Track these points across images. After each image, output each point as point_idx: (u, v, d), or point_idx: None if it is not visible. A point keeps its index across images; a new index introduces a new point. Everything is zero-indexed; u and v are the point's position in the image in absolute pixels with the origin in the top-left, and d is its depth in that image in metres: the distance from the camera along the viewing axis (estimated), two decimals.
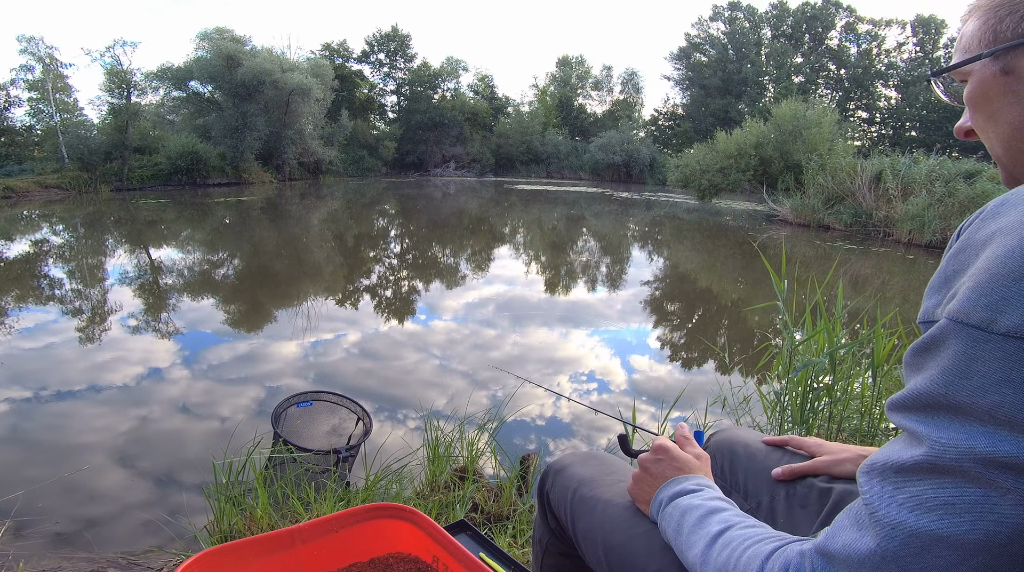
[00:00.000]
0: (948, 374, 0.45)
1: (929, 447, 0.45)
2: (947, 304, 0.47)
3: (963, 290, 0.46)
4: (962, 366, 0.44)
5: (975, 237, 0.48)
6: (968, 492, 0.43)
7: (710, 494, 0.80)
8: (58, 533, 2.47)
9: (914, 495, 0.46)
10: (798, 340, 2.65)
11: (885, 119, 46.75)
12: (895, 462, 0.48)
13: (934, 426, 0.45)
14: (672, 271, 11.07)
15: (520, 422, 3.75)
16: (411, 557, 1.01)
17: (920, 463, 0.46)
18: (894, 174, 14.80)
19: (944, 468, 0.44)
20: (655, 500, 0.85)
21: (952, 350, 0.45)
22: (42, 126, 25.38)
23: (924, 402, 0.47)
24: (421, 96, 44.35)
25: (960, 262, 0.49)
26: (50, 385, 4.19)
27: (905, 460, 0.47)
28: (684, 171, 23.18)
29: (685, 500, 0.79)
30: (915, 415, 0.48)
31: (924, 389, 0.47)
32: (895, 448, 0.50)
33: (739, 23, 48.19)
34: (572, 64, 51.09)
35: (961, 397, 0.44)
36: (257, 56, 28.68)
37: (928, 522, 0.44)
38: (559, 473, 1.01)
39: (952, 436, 0.44)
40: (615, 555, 0.86)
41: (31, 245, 11.60)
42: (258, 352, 5.14)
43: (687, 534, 0.74)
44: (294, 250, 11.42)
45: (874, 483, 0.50)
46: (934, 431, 0.45)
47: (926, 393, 0.47)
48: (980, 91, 0.59)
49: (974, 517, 0.42)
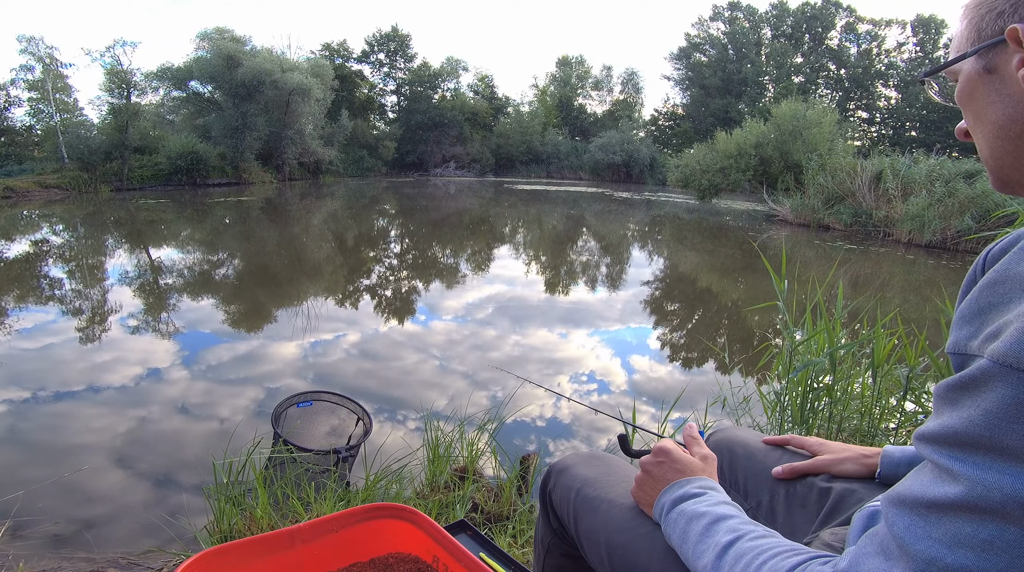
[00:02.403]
0: (992, 417, 0.45)
1: (968, 487, 0.45)
2: (989, 343, 0.46)
3: (1011, 331, 0.44)
4: (1010, 410, 0.44)
5: (1017, 270, 0.47)
6: (1009, 532, 0.43)
7: (715, 499, 0.79)
8: (58, 533, 2.47)
9: (950, 532, 0.46)
10: (798, 340, 2.65)
11: (885, 119, 46.75)
12: (928, 498, 0.48)
13: (973, 466, 0.45)
14: (672, 271, 11.07)
15: (520, 422, 3.75)
16: (411, 557, 1.01)
17: (957, 502, 0.46)
18: (894, 174, 14.80)
19: (985, 508, 0.44)
20: (657, 504, 0.84)
21: (998, 393, 0.44)
22: (42, 126, 25.39)
23: (962, 441, 0.47)
24: (421, 96, 44.35)
25: (998, 295, 0.48)
26: (49, 385, 4.19)
27: (940, 497, 0.47)
28: (684, 171, 23.18)
29: (689, 505, 0.78)
30: (951, 452, 0.47)
31: (963, 429, 0.46)
32: (924, 482, 0.50)
33: (739, 23, 48.19)
34: (572, 64, 51.08)
35: (1009, 440, 0.43)
36: (257, 56, 28.68)
37: (965, 559, 0.44)
38: (562, 473, 1.01)
39: (996, 478, 0.44)
40: (618, 555, 0.85)
41: (31, 245, 11.60)
42: (258, 352, 5.14)
43: (694, 544, 0.73)
44: (294, 250, 11.42)
45: (903, 515, 0.50)
46: (974, 471, 0.45)
47: (964, 433, 0.46)
48: (967, 90, 0.59)
49: (1012, 557, 0.43)
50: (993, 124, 0.57)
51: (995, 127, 0.57)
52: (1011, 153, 0.57)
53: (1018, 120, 0.55)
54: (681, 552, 0.75)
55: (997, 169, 0.59)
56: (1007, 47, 0.54)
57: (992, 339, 0.46)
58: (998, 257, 0.50)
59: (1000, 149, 0.57)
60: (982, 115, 0.58)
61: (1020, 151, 0.56)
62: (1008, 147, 0.57)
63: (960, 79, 0.60)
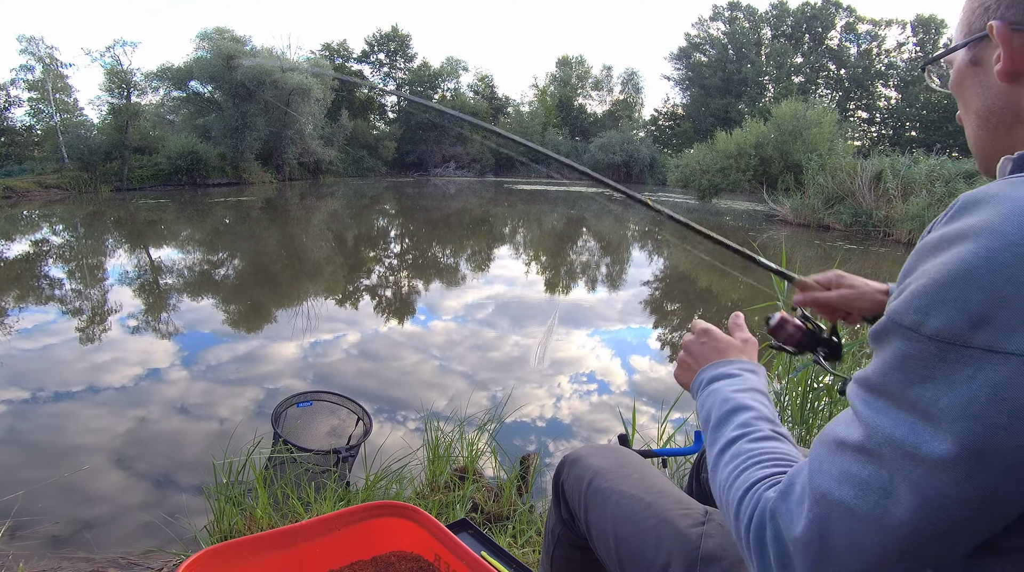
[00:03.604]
0: (886, 365, 0.49)
1: (863, 428, 0.50)
2: (893, 300, 0.51)
3: (907, 291, 0.49)
4: (896, 360, 0.48)
5: (931, 237, 0.51)
6: (880, 475, 0.47)
7: (748, 382, 0.79)
8: (58, 533, 2.47)
9: (842, 468, 0.50)
10: None
11: (885, 119, 46.73)
12: (837, 436, 0.52)
13: (872, 409, 0.50)
14: (672, 271, 11.07)
15: (520, 423, 3.75)
16: (413, 555, 1.01)
17: (853, 442, 0.50)
18: (894, 174, 14.79)
19: (869, 449, 0.48)
20: (695, 381, 0.85)
21: (891, 345, 0.49)
22: (42, 126, 25.38)
23: (868, 385, 0.51)
24: (421, 96, 44.34)
25: (911, 263, 0.52)
26: (49, 386, 4.19)
27: (843, 436, 0.51)
28: (684, 171, 23.17)
29: (722, 386, 0.79)
30: (860, 394, 0.52)
31: (869, 374, 0.51)
32: (841, 421, 0.54)
33: (739, 23, 48.18)
34: (572, 64, 51.05)
35: (894, 387, 0.48)
36: (257, 56, 28.65)
37: (846, 495, 0.49)
38: (574, 464, 1.02)
39: (882, 421, 0.48)
40: (625, 546, 0.86)
41: (31, 245, 11.59)
42: (257, 352, 5.14)
43: (711, 430, 0.74)
44: (294, 250, 11.42)
45: (817, 450, 0.54)
46: (871, 414, 0.49)
47: (870, 378, 0.51)
48: (957, 80, 0.63)
49: (878, 497, 0.47)
50: (975, 114, 0.61)
51: (977, 116, 0.61)
52: (990, 142, 0.60)
53: (995, 111, 0.58)
54: (704, 435, 0.77)
55: (979, 155, 0.63)
56: (991, 42, 0.57)
57: (895, 298, 0.51)
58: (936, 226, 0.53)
59: (981, 138, 0.61)
60: (968, 104, 0.62)
61: (997, 140, 0.59)
62: (987, 136, 0.60)
63: (952, 69, 0.64)
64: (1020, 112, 0.57)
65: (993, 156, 0.60)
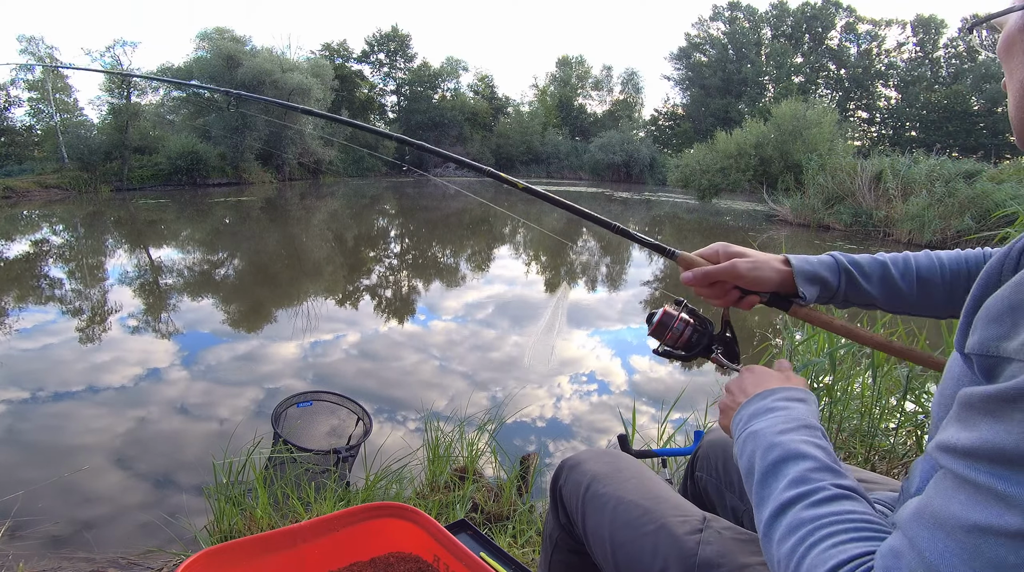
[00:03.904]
0: None
1: (1018, 509, 0.40)
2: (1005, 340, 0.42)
3: None
4: None
5: None
6: None
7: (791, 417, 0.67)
8: (57, 534, 2.46)
9: (992, 559, 0.41)
10: (798, 340, 2.65)
11: (885, 119, 46.75)
12: (970, 522, 0.42)
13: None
14: (672, 271, 11.06)
15: (520, 423, 3.75)
16: (412, 556, 1.01)
17: (1008, 528, 0.41)
18: (894, 174, 14.80)
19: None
20: (734, 422, 0.75)
21: None
22: (42, 126, 25.36)
23: (1011, 459, 0.41)
24: (421, 96, 44.35)
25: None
26: (49, 386, 4.19)
27: (985, 522, 0.42)
28: (684, 171, 23.17)
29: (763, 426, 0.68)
30: (997, 471, 0.42)
31: (1013, 446, 0.41)
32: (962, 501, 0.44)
33: (739, 23, 48.20)
34: (572, 64, 51.08)
35: None
36: (257, 56, 28.67)
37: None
38: (573, 469, 1.01)
39: None
40: (622, 552, 0.85)
41: (31, 245, 11.59)
42: (257, 353, 5.14)
43: (756, 486, 0.63)
44: (294, 250, 11.42)
45: (937, 539, 0.44)
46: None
47: (1016, 451, 0.41)
48: (1006, 44, 0.57)
49: None
50: (1021, 83, 0.55)
51: (1022, 87, 0.55)
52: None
53: None
54: (748, 488, 0.66)
55: (1019, 129, 0.57)
56: None
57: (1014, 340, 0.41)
58: None
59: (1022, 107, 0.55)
60: (1015, 72, 0.56)
61: None
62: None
63: (1003, 32, 0.58)
64: None
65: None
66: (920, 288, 0.91)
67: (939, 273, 0.91)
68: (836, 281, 0.92)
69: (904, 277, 0.91)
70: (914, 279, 0.91)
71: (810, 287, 0.91)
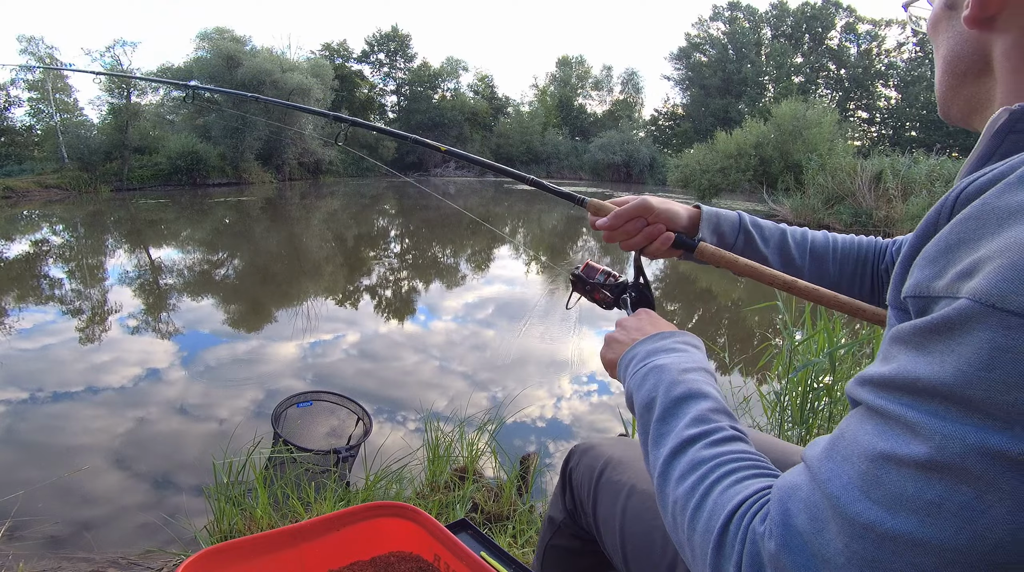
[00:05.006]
0: (965, 364, 0.39)
1: (928, 439, 0.39)
2: (963, 281, 0.41)
3: (995, 267, 0.39)
4: (985, 357, 0.38)
5: (1002, 202, 0.41)
6: (960, 494, 0.38)
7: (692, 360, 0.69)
8: (57, 534, 2.46)
9: (892, 492, 0.40)
10: (798, 340, 2.65)
11: (885, 119, 46.73)
12: (877, 451, 0.41)
13: (935, 416, 0.39)
14: (672, 271, 11.07)
15: (520, 423, 3.75)
16: (412, 556, 1.01)
17: (912, 457, 0.40)
18: (894, 174, 14.80)
19: (939, 465, 0.39)
20: (625, 357, 0.75)
21: (976, 337, 0.39)
22: (42, 126, 25.37)
23: (923, 388, 0.41)
24: (421, 96, 44.37)
25: (969, 230, 0.42)
26: (48, 386, 4.19)
27: (890, 450, 0.41)
28: (684, 171, 23.18)
29: (665, 362, 0.68)
30: (909, 400, 0.41)
31: (929, 375, 0.40)
32: (868, 431, 0.43)
33: (739, 23, 48.18)
34: (572, 64, 51.11)
35: (977, 391, 0.38)
36: (257, 56, 28.68)
37: (906, 524, 0.39)
38: (586, 453, 1.00)
39: (958, 430, 0.38)
40: (632, 543, 0.85)
41: (31, 245, 11.59)
42: (257, 353, 5.14)
43: (655, 422, 0.63)
44: (294, 250, 11.42)
45: (840, 470, 0.43)
46: (936, 422, 0.39)
47: (930, 380, 0.40)
48: (932, 22, 0.62)
49: (961, 521, 0.38)
50: (943, 58, 0.60)
51: (944, 61, 0.60)
52: (953, 87, 0.59)
53: (963, 58, 0.57)
54: (640, 422, 0.66)
55: (941, 100, 0.62)
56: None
57: (966, 277, 0.41)
58: (974, 195, 0.45)
59: (946, 83, 0.60)
60: (939, 48, 0.61)
61: (960, 87, 0.58)
62: (952, 82, 0.59)
63: (931, 11, 0.62)
64: (989, 60, 0.55)
65: (954, 103, 0.60)
66: (812, 261, 0.98)
67: (831, 251, 0.99)
68: (734, 237, 0.98)
69: (798, 247, 0.99)
70: (807, 251, 0.98)
71: (711, 235, 0.97)
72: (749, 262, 0.93)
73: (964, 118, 0.60)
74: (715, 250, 0.94)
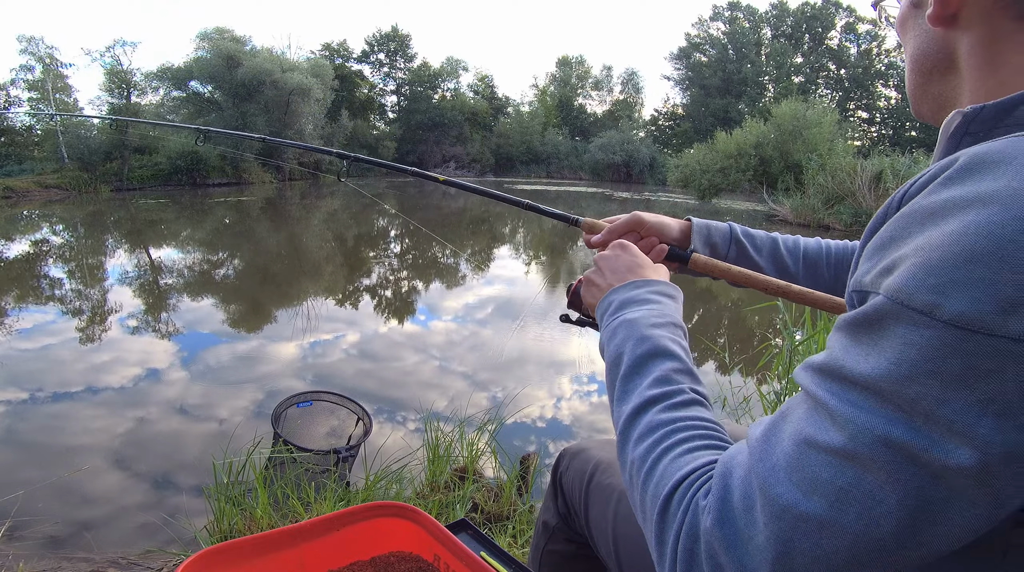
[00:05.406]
0: (883, 357, 0.41)
1: (842, 428, 0.41)
2: (885, 277, 0.43)
3: (908, 266, 0.41)
4: (896, 351, 0.40)
5: (930, 200, 0.43)
6: (865, 482, 0.40)
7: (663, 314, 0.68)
8: (57, 534, 2.46)
9: (810, 476, 0.42)
10: (798, 340, 2.65)
11: (885, 119, 46.76)
12: (802, 434, 0.43)
13: (853, 406, 0.41)
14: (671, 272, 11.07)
15: (520, 424, 3.75)
16: (412, 556, 1.01)
17: (828, 444, 0.42)
18: (894, 174, 14.80)
19: (852, 453, 0.40)
20: (601, 305, 0.75)
21: (890, 332, 0.41)
22: (42, 126, 25.38)
23: (847, 377, 0.43)
24: (421, 96, 44.38)
25: (899, 229, 0.44)
26: (48, 386, 4.19)
27: (811, 435, 0.43)
28: (684, 171, 23.19)
29: (636, 315, 0.68)
30: (836, 388, 0.43)
31: (852, 366, 0.43)
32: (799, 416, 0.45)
33: (739, 23, 48.21)
34: (572, 64, 51.13)
35: (887, 384, 0.40)
36: (257, 56, 28.69)
37: (817, 507, 0.41)
38: (575, 456, 1.00)
39: (870, 420, 0.40)
40: (625, 545, 0.84)
41: (31, 245, 11.59)
42: (257, 353, 5.14)
43: (621, 378, 0.64)
44: (294, 250, 11.42)
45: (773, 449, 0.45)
46: (855, 412, 0.41)
47: (852, 370, 0.42)
48: (900, 21, 0.62)
49: (862, 508, 0.40)
50: (911, 57, 0.60)
51: (912, 59, 0.60)
52: (921, 86, 0.60)
53: (929, 56, 0.58)
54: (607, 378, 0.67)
55: (912, 99, 0.62)
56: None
57: (887, 274, 0.43)
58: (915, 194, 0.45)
59: (914, 81, 0.61)
60: (907, 46, 0.61)
61: (927, 85, 0.59)
62: (920, 80, 0.60)
63: (899, 10, 0.63)
64: (954, 59, 0.55)
65: (924, 101, 0.60)
66: (806, 267, 0.98)
67: (824, 257, 0.98)
68: (726, 248, 0.99)
69: (791, 254, 0.98)
70: (800, 258, 0.98)
71: (703, 246, 0.98)
72: (743, 270, 0.93)
73: (934, 116, 0.60)
74: (708, 260, 0.95)
